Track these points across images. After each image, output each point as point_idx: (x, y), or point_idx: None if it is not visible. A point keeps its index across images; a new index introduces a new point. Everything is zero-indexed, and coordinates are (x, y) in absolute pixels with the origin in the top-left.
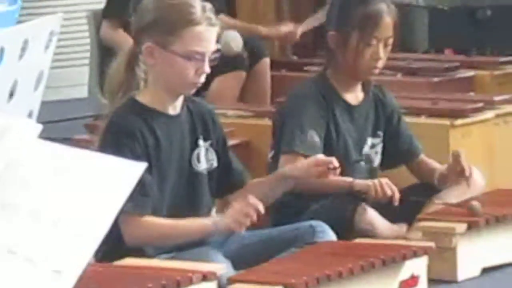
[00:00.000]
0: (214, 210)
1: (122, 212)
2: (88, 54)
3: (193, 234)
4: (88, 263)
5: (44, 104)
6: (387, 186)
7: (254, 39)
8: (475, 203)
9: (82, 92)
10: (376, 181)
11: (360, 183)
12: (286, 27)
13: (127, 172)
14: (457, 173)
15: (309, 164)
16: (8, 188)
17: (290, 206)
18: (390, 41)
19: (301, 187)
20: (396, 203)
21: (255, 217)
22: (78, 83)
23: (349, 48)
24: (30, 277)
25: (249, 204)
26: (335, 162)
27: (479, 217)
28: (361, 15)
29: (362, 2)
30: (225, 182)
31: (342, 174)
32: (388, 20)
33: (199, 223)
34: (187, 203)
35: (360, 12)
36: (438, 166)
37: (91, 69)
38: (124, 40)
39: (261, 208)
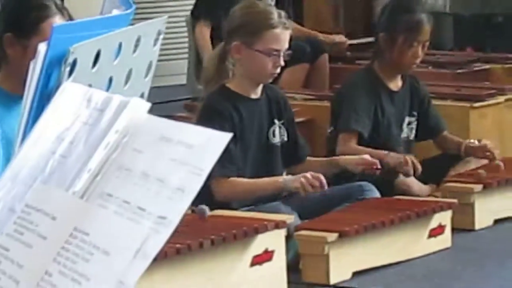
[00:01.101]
0: (284, 175)
1: (212, 174)
2: (186, 49)
3: (268, 189)
4: (185, 213)
5: (152, 88)
6: (411, 162)
7: (317, 39)
8: (481, 171)
9: (182, 80)
10: (408, 158)
11: (392, 157)
12: (338, 38)
13: (216, 140)
14: (484, 154)
15: (358, 161)
16: (124, 154)
17: (344, 171)
18: (427, 43)
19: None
20: (419, 174)
21: (317, 188)
22: (179, 72)
23: (395, 48)
24: (141, 222)
25: (317, 177)
26: (378, 164)
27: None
28: (407, 22)
29: (408, 11)
30: (292, 155)
31: (385, 145)
32: (427, 27)
33: (273, 179)
34: (264, 170)
35: (406, 20)
36: (461, 140)
37: (189, 61)
38: (207, 43)
39: (325, 184)
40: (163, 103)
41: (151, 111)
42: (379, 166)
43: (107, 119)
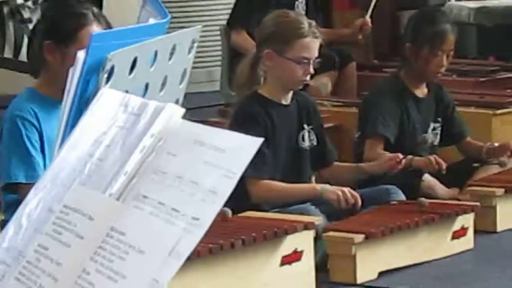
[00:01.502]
0: (313, 179)
1: (246, 176)
2: (220, 57)
3: (305, 195)
4: (217, 214)
5: (187, 94)
6: (435, 160)
7: (345, 48)
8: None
9: (215, 86)
10: (431, 157)
11: (417, 159)
12: (359, 21)
13: (248, 144)
14: (504, 152)
15: (381, 162)
16: (159, 157)
17: (370, 177)
18: (452, 53)
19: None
20: (444, 172)
21: (349, 204)
22: (212, 79)
23: (420, 57)
24: (175, 223)
25: (354, 195)
26: (400, 156)
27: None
28: (431, 33)
29: (432, 22)
30: (320, 159)
31: (411, 150)
32: (451, 37)
33: (311, 186)
34: (293, 173)
35: (430, 30)
36: (482, 144)
37: (222, 69)
38: (251, 46)
39: (359, 202)
40: (198, 109)
41: (185, 116)
42: (402, 157)
43: (143, 124)
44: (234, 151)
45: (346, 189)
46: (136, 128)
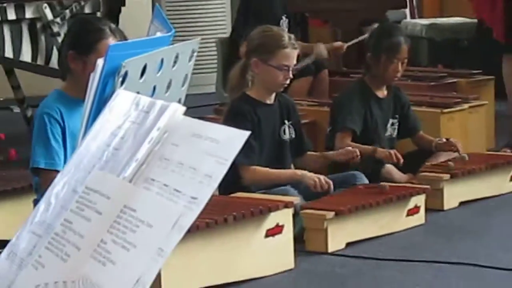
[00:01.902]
0: (292, 166)
1: (237, 163)
2: (215, 64)
3: (287, 179)
4: (212, 194)
5: (187, 95)
6: (395, 154)
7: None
8: (450, 163)
9: (211, 89)
10: (391, 151)
11: (380, 151)
12: (337, 43)
13: (238, 136)
14: (450, 148)
15: (342, 153)
16: (164, 147)
17: (334, 162)
18: (406, 61)
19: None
20: (401, 163)
21: (324, 189)
22: (209, 83)
23: (380, 65)
24: (177, 201)
25: (328, 182)
26: (358, 152)
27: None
28: (388, 44)
29: (389, 35)
30: (297, 149)
31: (373, 142)
32: (405, 47)
33: (293, 172)
34: (277, 160)
35: (387, 42)
36: (432, 138)
37: (217, 74)
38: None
39: (331, 188)
40: (196, 107)
41: (186, 113)
42: (358, 155)
43: (151, 119)
44: (226, 141)
45: (322, 177)
46: (145, 123)
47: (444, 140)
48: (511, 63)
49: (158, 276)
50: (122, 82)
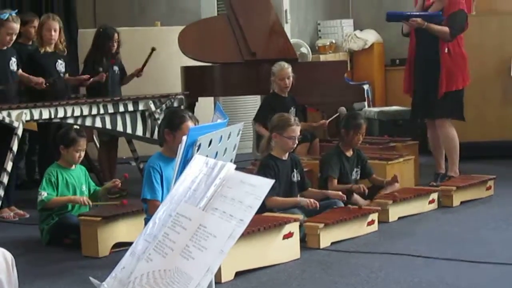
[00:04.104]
0: (298, 197)
1: (266, 196)
2: (251, 136)
3: (293, 204)
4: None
5: (236, 155)
6: (363, 187)
7: (313, 131)
8: (396, 193)
9: (249, 150)
10: (358, 185)
11: (355, 186)
12: (322, 121)
13: (266, 183)
14: (393, 182)
15: (336, 195)
16: (223, 189)
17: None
18: (364, 133)
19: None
20: (366, 193)
21: (313, 207)
22: (248, 147)
23: (349, 136)
24: (231, 222)
25: (316, 202)
26: (345, 197)
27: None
28: (354, 123)
29: (354, 118)
30: (301, 186)
31: (346, 182)
32: (364, 125)
33: (295, 199)
34: (289, 194)
35: (354, 122)
36: (382, 179)
37: (252, 142)
38: (264, 132)
39: (318, 207)
40: (241, 161)
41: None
42: (345, 198)
43: (215, 173)
44: (260, 186)
45: (312, 200)
46: (212, 175)
47: (389, 179)
48: (429, 126)
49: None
50: (197, 150)
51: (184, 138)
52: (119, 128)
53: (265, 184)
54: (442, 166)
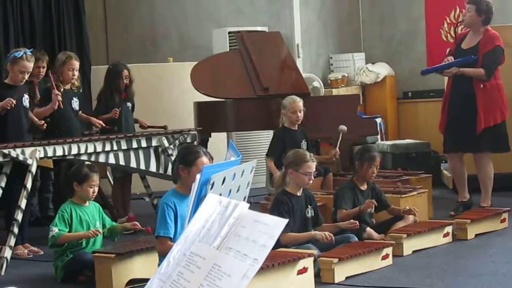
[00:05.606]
0: (313, 231)
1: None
2: (264, 172)
3: (307, 238)
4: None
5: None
6: (371, 201)
7: (327, 165)
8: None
9: (262, 185)
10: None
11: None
12: (332, 151)
13: (280, 221)
14: (410, 212)
15: (348, 225)
16: (237, 228)
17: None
18: (378, 166)
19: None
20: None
21: (328, 241)
22: (261, 181)
23: (363, 169)
24: (245, 261)
25: (330, 235)
26: (357, 223)
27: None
28: (368, 156)
29: (368, 151)
30: (315, 221)
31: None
32: (378, 159)
33: (310, 233)
34: (303, 230)
35: (367, 155)
36: (399, 209)
37: (266, 177)
38: (274, 169)
39: (333, 240)
40: (254, 196)
41: (247, 200)
42: (357, 224)
43: (229, 212)
44: (274, 225)
45: (327, 233)
46: (226, 213)
47: (407, 207)
48: (451, 158)
49: None
50: (211, 188)
51: (198, 176)
52: (133, 164)
53: (279, 223)
54: (464, 195)
